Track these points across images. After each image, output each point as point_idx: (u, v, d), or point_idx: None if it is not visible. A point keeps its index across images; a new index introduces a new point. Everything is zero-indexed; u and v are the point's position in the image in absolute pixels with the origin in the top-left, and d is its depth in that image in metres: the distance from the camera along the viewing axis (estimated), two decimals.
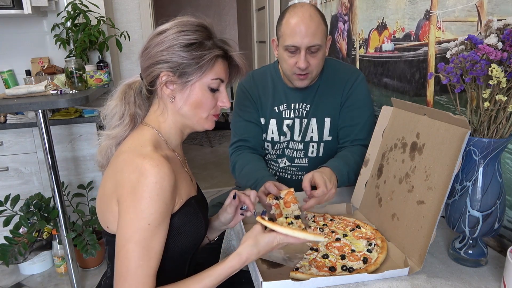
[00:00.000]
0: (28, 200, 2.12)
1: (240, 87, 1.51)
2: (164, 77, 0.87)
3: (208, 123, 0.94)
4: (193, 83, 0.87)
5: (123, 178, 0.80)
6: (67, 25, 2.58)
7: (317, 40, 1.25)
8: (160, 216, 0.79)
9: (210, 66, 0.87)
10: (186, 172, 0.99)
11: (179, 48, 0.85)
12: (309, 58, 1.28)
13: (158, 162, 0.79)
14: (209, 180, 3.83)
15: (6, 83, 2.62)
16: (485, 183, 0.84)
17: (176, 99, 0.89)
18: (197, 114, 0.91)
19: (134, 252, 0.77)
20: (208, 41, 0.88)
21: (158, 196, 0.78)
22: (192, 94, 0.89)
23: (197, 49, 0.86)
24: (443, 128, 0.88)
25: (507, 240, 0.98)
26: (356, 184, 1.21)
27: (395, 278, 0.85)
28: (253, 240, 0.83)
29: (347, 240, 1.01)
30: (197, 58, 0.86)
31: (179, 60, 0.85)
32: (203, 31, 0.88)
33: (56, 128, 2.28)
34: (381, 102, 1.60)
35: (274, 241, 0.83)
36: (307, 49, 1.26)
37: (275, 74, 1.46)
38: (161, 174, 0.79)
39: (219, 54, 0.89)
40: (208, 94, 0.90)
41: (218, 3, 6.16)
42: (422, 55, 1.30)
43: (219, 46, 0.89)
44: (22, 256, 2.07)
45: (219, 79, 0.89)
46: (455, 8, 1.13)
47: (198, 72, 0.87)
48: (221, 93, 0.92)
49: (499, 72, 0.74)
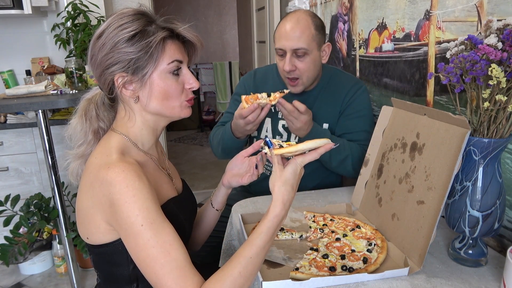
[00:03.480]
0: (28, 200, 2.12)
1: (241, 82, 1.54)
2: (120, 79, 0.83)
3: (183, 111, 0.89)
4: (150, 74, 0.83)
5: (97, 194, 0.79)
6: (67, 25, 2.58)
7: (301, 43, 1.26)
8: (149, 212, 0.76)
9: (160, 51, 0.82)
10: (163, 173, 0.96)
11: (123, 44, 0.80)
12: (296, 62, 1.29)
13: (123, 168, 0.77)
14: (209, 180, 3.83)
15: (6, 83, 2.62)
16: (485, 183, 0.84)
17: (140, 98, 0.86)
18: (168, 106, 0.87)
19: (149, 256, 0.74)
20: (150, 26, 0.82)
21: (135, 196, 0.75)
22: (154, 86, 0.84)
23: (141, 39, 0.81)
24: (443, 128, 0.88)
25: (507, 240, 0.98)
26: (356, 184, 1.21)
27: (395, 278, 0.85)
28: (280, 180, 0.79)
29: (347, 240, 1.01)
30: (144, 48, 0.81)
31: (126, 57, 0.81)
32: (141, 18, 0.83)
33: (56, 128, 2.28)
34: (381, 102, 1.60)
35: (297, 167, 0.80)
36: (293, 53, 1.28)
37: (276, 76, 1.47)
38: (129, 176, 0.76)
39: (166, 36, 0.83)
40: (171, 81, 0.85)
41: (218, 3, 6.15)
42: (422, 55, 1.30)
43: (163, 27, 0.84)
44: (22, 256, 2.07)
45: (175, 61, 0.84)
46: (455, 8, 1.13)
47: (151, 61, 0.82)
48: (184, 75, 0.88)
49: (499, 72, 0.74)
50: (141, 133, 0.90)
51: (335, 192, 1.35)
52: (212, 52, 6.18)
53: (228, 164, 1.06)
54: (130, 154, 0.86)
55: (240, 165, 1.04)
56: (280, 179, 0.79)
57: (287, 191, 0.78)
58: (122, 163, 0.78)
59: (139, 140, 0.90)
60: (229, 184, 1.04)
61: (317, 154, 0.81)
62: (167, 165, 1.03)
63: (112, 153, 0.82)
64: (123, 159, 0.80)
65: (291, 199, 0.79)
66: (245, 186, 1.61)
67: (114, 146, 0.84)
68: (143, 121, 0.89)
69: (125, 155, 0.83)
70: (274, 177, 0.80)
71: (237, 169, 1.04)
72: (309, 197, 1.31)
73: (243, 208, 1.22)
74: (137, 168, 0.79)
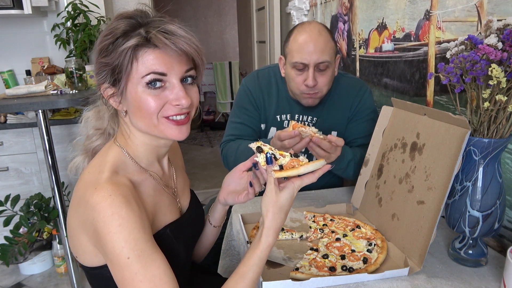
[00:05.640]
0: (28, 200, 2.13)
1: (244, 87, 1.46)
2: (106, 90, 0.78)
3: (168, 131, 0.77)
4: (124, 87, 0.75)
5: (82, 215, 0.72)
6: (67, 25, 2.58)
7: (326, 56, 1.22)
8: (136, 243, 0.69)
9: (130, 60, 0.72)
10: (165, 193, 0.87)
11: (98, 56, 0.75)
12: (318, 76, 1.24)
13: (110, 192, 0.69)
14: (209, 180, 3.83)
15: (6, 83, 2.62)
16: (485, 183, 0.84)
17: (128, 112, 0.78)
18: (144, 121, 0.76)
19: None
20: (126, 33, 0.73)
21: (120, 226, 0.68)
22: (130, 100, 0.76)
23: (114, 49, 0.73)
24: (443, 128, 0.88)
25: (507, 240, 0.97)
26: (356, 184, 1.21)
27: (395, 278, 0.85)
28: (276, 206, 0.73)
29: (347, 240, 1.01)
30: (115, 58, 0.73)
31: (104, 68, 0.75)
32: (118, 26, 0.73)
33: (56, 128, 2.28)
34: (381, 102, 1.60)
35: (294, 192, 0.74)
36: (316, 66, 1.23)
37: (280, 80, 1.42)
38: (115, 202, 0.69)
39: (138, 43, 0.72)
40: (146, 95, 0.74)
41: (218, 3, 6.15)
42: (422, 55, 1.30)
43: (139, 34, 0.72)
44: (22, 256, 2.07)
45: (153, 73, 0.73)
46: (455, 8, 1.13)
47: (124, 72, 0.73)
48: (169, 89, 0.75)
49: (499, 72, 0.74)
50: (138, 149, 0.82)
51: (335, 192, 1.35)
52: (212, 52, 6.18)
53: (225, 178, 0.95)
54: (126, 171, 0.78)
55: (237, 180, 0.94)
56: (276, 205, 0.73)
57: (281, 219, 0.74)
58: (110, 185, 0.70)
59: (138, 156, 0.82)
60: (225, 201, 0.96)
61: (314, 178, 0.76)
62: (174, 181, 0.93)
63: (104, 170, 0.74)
64: (113, 180, 0.72)
65: (283, 224, 0.75)
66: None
67: (109, 161, 0.77)
68: (139, 137, 0.81)
69: (119, 174, 0.76)
70: (268, 200, 0.74)
71: (234, 185, 0.94)
72: (309, 197, 1.31)
73: (243, 208, 1.22)
74: (126, 192, 0.72)
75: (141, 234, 0.70)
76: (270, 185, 0.74)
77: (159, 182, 0.86)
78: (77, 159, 0.89)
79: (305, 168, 0.75)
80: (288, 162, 0.78)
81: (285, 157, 0.79)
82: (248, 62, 4.72)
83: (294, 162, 0.77)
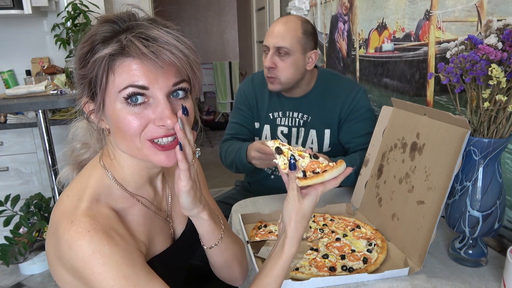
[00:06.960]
0: (28, 200, 2.13)
1: (239, 90, 1.55)
2: (86, 106, 0.68)
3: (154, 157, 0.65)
4: (100, 102, 0.64)
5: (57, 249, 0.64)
6: (67, 25, 2.58)
7: (284, 43, 1.29)
8: (127, 279, 0.61)
9: (106, 72, 0.61)
10: (156, 219, 0.77)
11: (77, 66, 0.66)
12: (277, 60, 1.32)
13: (89, 228, 0.60)
14: (209, 180, 3.83)
15: (6, 83, 2.62)
16: (485, 183, 0.84)
17: (110, 131, 0.68)
18: (126, 144, 0.65)
19: None
20: (105, 40, 0.62)
21: (105, 265, 0.60)
22: (108, 117, 0.65)
23: (90, 58, 0.62)
24: (443, 128, 0.88)
25: (507, 240, 0.97)
26: (356, 184, 1.21)
27: (395, 278, 0.85)
28: (299, 214, 0.69)
29: (347, 240, 1.01)
30: (92, 69, 0.62)
31: (81, 80, 0.65)
32: (98, 31, 0.63)
33: (56, 128, 2.28)
34: (381, 102, 1.60)
35: (317, 199, 0.71)
36: (276, 50, 1.31)
37: None
38: (95, 240, 0.60)
39: (114, 52, 0.60)
40: (125, 113, 0.62)
41: (218, 3, 6.15)
42: (422, 55, 1.30)
43: (119, 41, 0.61)
44: (22, 256, 2.08)
45: (131, 86, 0.61)
46: (455, 8, 1.13)
47: (99, 85, 0.62)
48: (153, 106, 0.62)
49: (499, 72, 0.74)
50: (124, 172, 0.71)
51: (335, 192, 1.35)
52: (212, 52, 6.18)
53: None
54: (110, 197, 0.69)
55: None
56: (299, 213, 0.69)
57: (303, 227, 0.70)
58: (88, 220, 0.62)
59: (124, 179, 0.72)
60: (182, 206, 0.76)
61: (337, 183, 0.72)
62: (168, 203, 0.82)
63: (83, 199, 0.65)
64: (92, 213, 0.63)
65: (304, 233, 0.71)
66: (245, 185, 1.61)
67: (91, 186, 0.68)
68: (125, 158, 0.70)
69: (100, 202, 0.66)
70: (291, 207, 0.69)
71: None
72: None
73: (243, 208, 1.22)
74: (107, 226, 0.63)
75: (130, 268, 0.62)
76: (292, 191, 0.69)
77: (150, 206, 0.76)
78: (66, 170, 0.81)
79: (330, 174, 0.71)
80: (308, 164, 0.74)
81: (304, 158, 0.74)
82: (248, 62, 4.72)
83: (314, 165, 0.73)
